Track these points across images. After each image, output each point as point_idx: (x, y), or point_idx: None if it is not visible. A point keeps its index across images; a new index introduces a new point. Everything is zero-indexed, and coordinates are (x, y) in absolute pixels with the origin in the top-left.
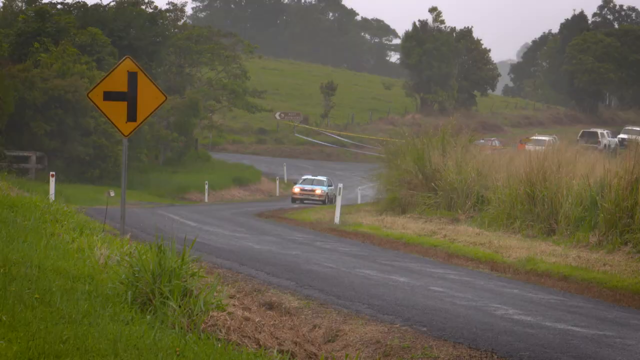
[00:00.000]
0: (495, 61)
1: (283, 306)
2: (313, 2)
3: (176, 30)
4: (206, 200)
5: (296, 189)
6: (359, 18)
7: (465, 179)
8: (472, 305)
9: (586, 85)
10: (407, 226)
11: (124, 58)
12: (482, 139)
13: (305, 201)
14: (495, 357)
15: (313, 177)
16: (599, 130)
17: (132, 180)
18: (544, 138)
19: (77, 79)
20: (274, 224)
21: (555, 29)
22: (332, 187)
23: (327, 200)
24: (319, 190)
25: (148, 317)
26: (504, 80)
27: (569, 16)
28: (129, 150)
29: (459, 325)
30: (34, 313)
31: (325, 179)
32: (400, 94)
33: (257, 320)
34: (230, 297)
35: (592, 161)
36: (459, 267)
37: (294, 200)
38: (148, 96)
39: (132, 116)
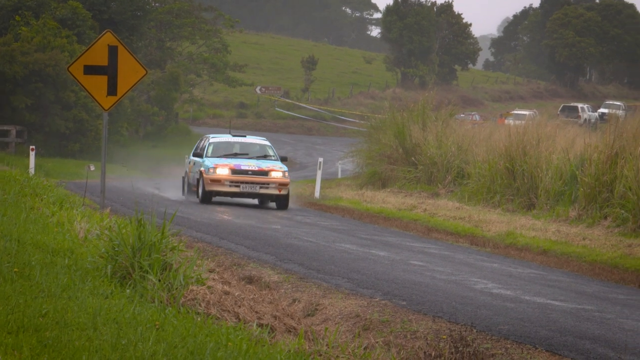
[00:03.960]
0: (476, 35)
1: (263, 280)
2: None
3: (157, 4)
4: None
5: (222, 169)
6: None
7: (445, 154)
8: (451, 279)
9: (567, 59)
10: (387, 200)
11: (104, 32)
12: (463, 114)
13: (239, 196)
14: (475, 331)
15: (241, 140)
16: (579, 105)
17: (113, 154)
18: (524, 112)
19: (58, 53)
20: None
21: (536, 3)
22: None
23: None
24: (276, 171)
25: (127, 291)
26: (485, 54)
27: None
28: (110, 124)
29: (438, 299)
30: (13, 287)
31: (268, 144)
32: (381, 68)
33: (236, 294)
34: (210, 271)
35: (572, 135)
36: (438, 241)
37: (207, 196)
38: (128, 70)
39: (112, 90)
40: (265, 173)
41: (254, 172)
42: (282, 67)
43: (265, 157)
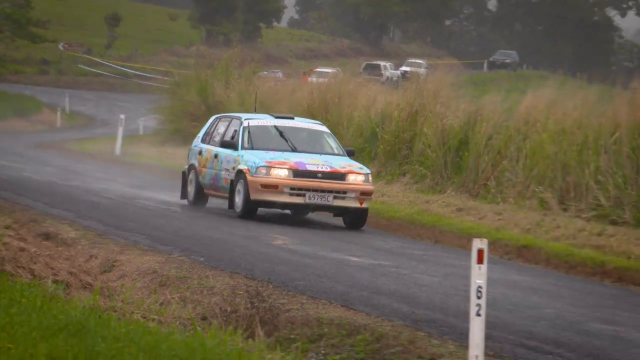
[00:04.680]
0: None
1: (60, 237)
2: None
3: None
4: None
5: (279, 169)
6: None
7: (247, 111)
8: (250, 235)
9: (371, 18)
10: None
11: None
12: (266, 71)
13: (301, 209)
14: (271, 286)
15: (289, 124)
16: (382, 63)
17: None
18: (327, 70)
19: None
20: (54, 155)
21: None
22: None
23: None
24: (356, 173)
25: None
26: (290, 12)
27: None
28: None
29: (236, 256)
30: None
31: (326, 131)
32: (185, 26)
33: (32, 250)
34: (6, 228)
35: (374, 93)
36: None
37: (251, 207)
38: None
39: None
40: (341, 176)
41: (326, 175)
42: (85, 24)
43: (324, 149)
